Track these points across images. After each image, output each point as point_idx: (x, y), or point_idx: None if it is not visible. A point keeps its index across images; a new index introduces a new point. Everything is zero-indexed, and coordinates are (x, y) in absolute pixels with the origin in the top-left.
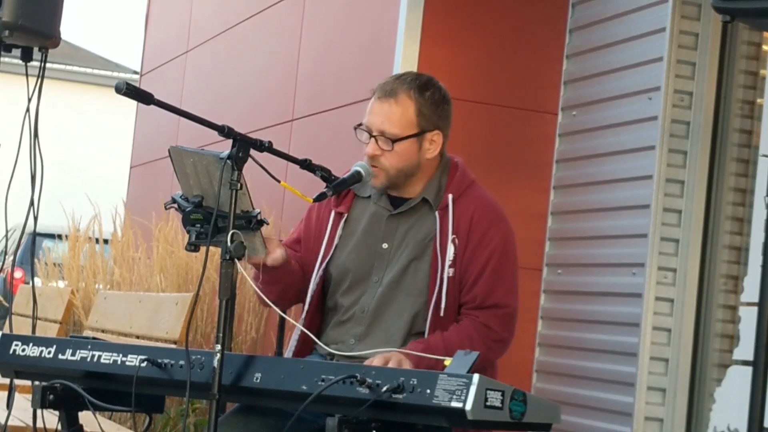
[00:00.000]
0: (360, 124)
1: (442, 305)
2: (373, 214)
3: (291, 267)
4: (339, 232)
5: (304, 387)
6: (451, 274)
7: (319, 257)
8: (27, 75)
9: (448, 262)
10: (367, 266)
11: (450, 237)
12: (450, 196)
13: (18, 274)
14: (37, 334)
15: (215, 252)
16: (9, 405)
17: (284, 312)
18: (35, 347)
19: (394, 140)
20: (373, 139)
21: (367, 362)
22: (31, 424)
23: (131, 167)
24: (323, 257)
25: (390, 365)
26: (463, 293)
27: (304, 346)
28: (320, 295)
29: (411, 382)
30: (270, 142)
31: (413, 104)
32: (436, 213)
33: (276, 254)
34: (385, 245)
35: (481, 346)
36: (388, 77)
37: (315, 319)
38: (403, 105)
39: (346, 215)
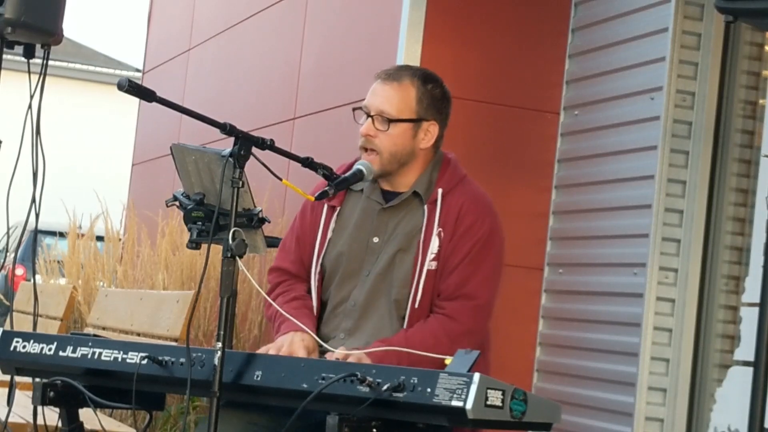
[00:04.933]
0: (359, 107)
1: (418, 297)
2: (365, 207)
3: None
4: (332, 225)
5: (305, 385)
6: (433, 267)
7: (315, 252)
8: (29, 72)
9: (431, 255)
10: (358, 260)
11: (436, 230)
12: (440, 191)
13: (19, 271)
14: (38, 331)
15: (219, 249)
16: (9, 402)
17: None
18: (36, 344)
19: (391, 120)
20: (369, 120)
21: (327, 355)
22: (31, 421)
23: (133, 165)
24: (318, 252)
25: None
26: (440, 283)
27: None
28: (321, 290)
29: (411, 381)
30: (272, 140)
31: (415, 90)
32: (425, 207)
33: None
34: (375, 239)
35: (447, 342)
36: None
37: (319, 313)
38: (405, 89)
39: (338, 209)
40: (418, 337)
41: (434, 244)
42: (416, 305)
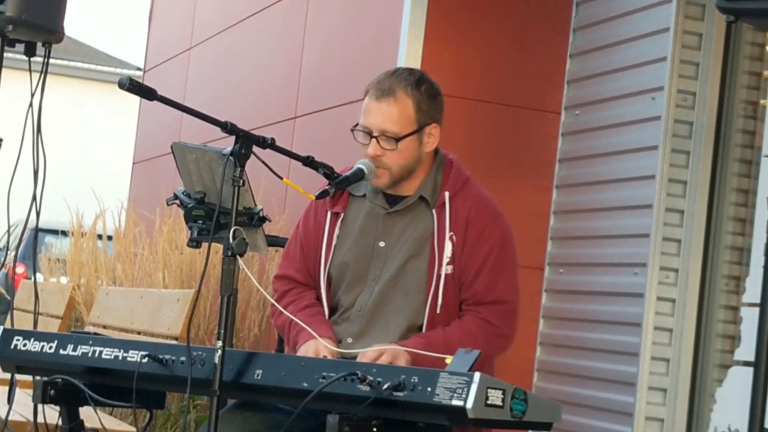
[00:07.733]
0: (356, 125)
1: (439, 302)
2: (370, 212)
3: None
4: (336, 232)
5: (305, 384)
6: (449, 272)
7: (321, 260)
8: (30, 70)
9: (446, 260)
10: (364, 264)
11: (447, 234)
12: (446, 194)
13: (20, 269)
14: (39, 329)
15: (219, 248)
16: (10, 400)
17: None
18: (36, 342)
19: (398, 139)
20: (374, 140)
21: (360, 354)
22: (31, 419)
23: (134, 163)
24: (325, 260)
25: (382, 360)
26: (463, 290)
27: None
28: (329, 296)
29: (412, 380)
30: (273, 139)
31: (411, 101)
32: (433, 211)
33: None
34: (382, 243)
35: (483, 342)
36: (380, 75)
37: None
38: (402, 103)
39: (342, 215)
40: (456, 336)
41: (447, 249)
42: (437, 310)
